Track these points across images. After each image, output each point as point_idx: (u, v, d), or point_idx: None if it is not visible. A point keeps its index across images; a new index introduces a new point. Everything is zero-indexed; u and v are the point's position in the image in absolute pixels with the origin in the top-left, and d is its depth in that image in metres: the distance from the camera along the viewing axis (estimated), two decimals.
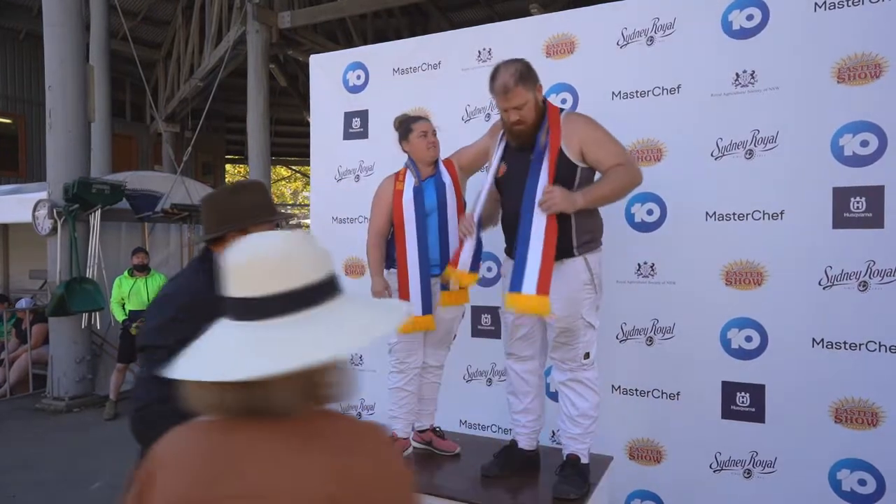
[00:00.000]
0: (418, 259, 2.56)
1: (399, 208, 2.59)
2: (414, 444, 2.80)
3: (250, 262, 0.84)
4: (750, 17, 2.89)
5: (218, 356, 0.82)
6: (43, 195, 6.12)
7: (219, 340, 0.85)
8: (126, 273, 5.94)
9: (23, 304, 6.87)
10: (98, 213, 6.20)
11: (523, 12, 7.08)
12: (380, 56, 3.95)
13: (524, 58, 2.39)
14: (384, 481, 0.82)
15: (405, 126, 2.66)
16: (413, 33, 10.54)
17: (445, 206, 2.59)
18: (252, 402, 0.81)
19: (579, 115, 2.45)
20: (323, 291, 0.84)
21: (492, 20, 8.79)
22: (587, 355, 2.38)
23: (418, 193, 2.58)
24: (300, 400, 0.83)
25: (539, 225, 2.23)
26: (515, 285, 2.24)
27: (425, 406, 2.79)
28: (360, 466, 0.80)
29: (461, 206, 2.64)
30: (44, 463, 4.46)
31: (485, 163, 2.68)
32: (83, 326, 6.08)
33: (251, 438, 0.81)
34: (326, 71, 4.11)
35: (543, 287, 2.21)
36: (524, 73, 2.30)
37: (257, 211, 1.67)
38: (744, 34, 2.91)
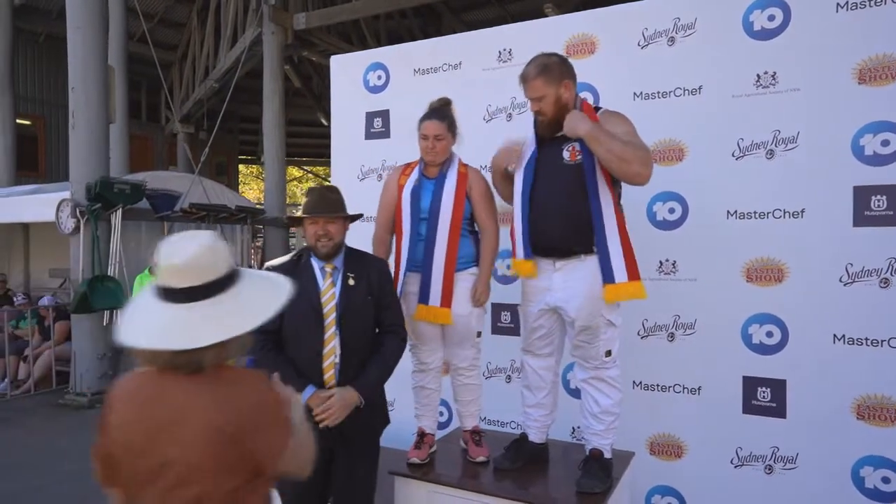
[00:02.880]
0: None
1: (399, 203, 2.60)
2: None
3: (168, 263, 1.20)
4: (771, 18, 2.92)
5: (162, 328, 1.17)
6: (64, 195, 6.21)
7: (153, 315, 1.19)
8: (147, 271, 6.03)
9: (45, 301, 6.98)
10: (119, 212, 6.30)
11: (536, 13, 7.12)
12: (400, 56, 3.99)
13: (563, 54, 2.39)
14: (260, 406, 1.21)
15: (421, 119, 2.63)
16: (426, 34, 10.61)
17: (437, 215, 2.52)
18: (179, 360, 1.17)
19: (615, 112, 2.46)
20: (223, 283, 1.22)
21: (504, 21, 8.82)
22: (609, 353, 2.38)
23: (415, 192, 2.57)
24: (214, 360, 1.20)
25: (610, 214, 2.27)
26: (608, 276, 2.27)
27: (462, 407, 2.73)
28: (240, 396, 1.20)
29: (458, 218, 2.53)
30: (73, 454, 4.53)
31: None
32: (105, 324, 6.17)
33: (173, 382, 1.19)
34: (347, 71, 4.17)
35: (633, 272, 2.26)
36: (549, 68, 2.31)
37: (309, 209, 2.25)
38: (765, 35, 2.94)
